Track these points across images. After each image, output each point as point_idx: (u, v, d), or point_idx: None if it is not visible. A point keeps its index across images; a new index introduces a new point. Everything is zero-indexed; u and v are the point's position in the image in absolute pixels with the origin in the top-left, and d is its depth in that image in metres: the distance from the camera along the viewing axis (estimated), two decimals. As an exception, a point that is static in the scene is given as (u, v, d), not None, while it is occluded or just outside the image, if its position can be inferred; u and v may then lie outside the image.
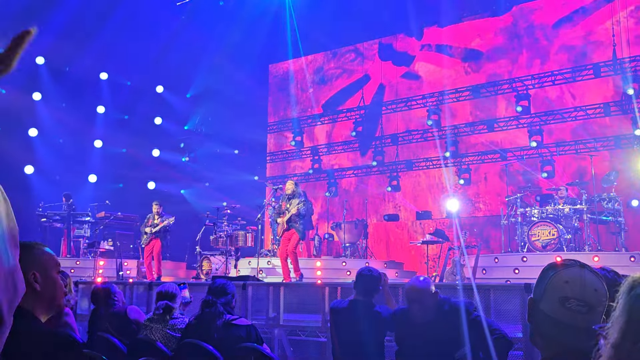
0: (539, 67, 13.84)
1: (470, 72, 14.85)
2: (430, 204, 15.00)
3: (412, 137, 15.43)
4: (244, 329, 4.41)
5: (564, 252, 10.03)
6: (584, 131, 13.14)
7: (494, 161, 14.13)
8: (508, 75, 14.23)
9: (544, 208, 10.84)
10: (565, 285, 1.69)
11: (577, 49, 13.38)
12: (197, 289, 6.53)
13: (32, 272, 2.27)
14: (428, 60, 15.54)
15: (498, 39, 14.52)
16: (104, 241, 13.51)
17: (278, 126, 18.10)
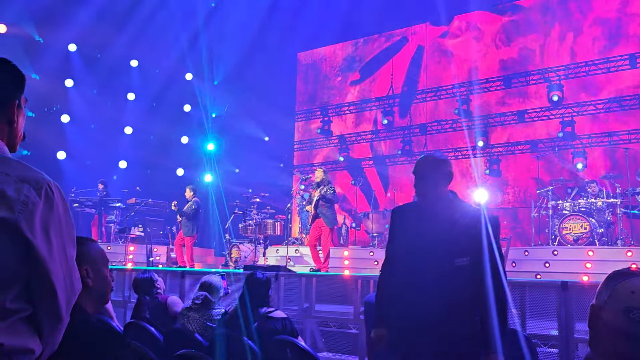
0: (572, 41, 13.59)
1: (501, 46, 14.66)
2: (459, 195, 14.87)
3: (441, 127, 15.31)
4: (280, 322, 4.44)
5: (596, 247, 9.90)
6: (618, 123, 12.90)
7: (525, 152, 13.96)
8: (539, 50, 14.01)
9: (576, 201, 10.69)
10: (632, 296, 1.66)
11: (611, 21, 13.13)
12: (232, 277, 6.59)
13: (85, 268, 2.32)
14: (459, 35, 15.33)
15: (530, 12, 14.28)
16: (135, 227, 13.70)
17: (306, 114, 18.09)
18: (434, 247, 3.03)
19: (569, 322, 4.92)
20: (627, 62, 12.74)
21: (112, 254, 12.68)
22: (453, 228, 3.05)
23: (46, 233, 1.62)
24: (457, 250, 3.00)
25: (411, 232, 3.17)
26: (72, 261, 1.75)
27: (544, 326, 5.21)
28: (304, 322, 6.56)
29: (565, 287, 4.90)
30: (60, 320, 1.71)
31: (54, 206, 1.66)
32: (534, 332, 5.15)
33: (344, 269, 11.34)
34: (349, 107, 17.04)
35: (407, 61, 16.17)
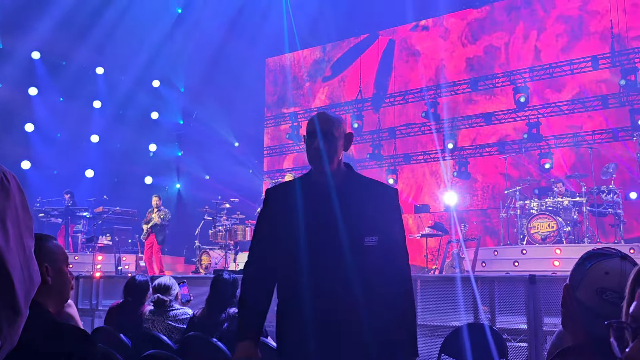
0: (536, 38, 13.83)
1: (468, 45, 14.86)
2: (428, 198, 15.01)
3: (409, 130, 15.42)
4: (249, 322, 4.39)
5: (564, 245, 10.05)
6: (582, 122, 13.15)
7: (492, 154, 14.13)
8: (505, 47, 14.24)
9: (543, 200, 10.85)
10: (605, 277, 1.67)
11: (573, 19, 13.42)
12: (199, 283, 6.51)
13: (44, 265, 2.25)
14: (426, 35, 15.48)
15: (495, 11, 14.51)
16: (102, 236, 13.48)
17: (275, 120, 18.06)
18: (338, 225, 2.53)
19: (537, 316, 4.96)
20: (590, 64, 13.00)
21: (79, 264, 12.45)
22: (358, 203, 2.59)
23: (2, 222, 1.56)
24: (367, 228, 2.55)
25: (303, 213, 2.58)
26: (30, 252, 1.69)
27: (513, 320, 5.25)
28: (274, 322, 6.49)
29: (533, 281, 4.94)
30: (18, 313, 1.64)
31: (11, 195, 1.60)
32: (504, 326, 5.18)
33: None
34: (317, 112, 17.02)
35: (375, 64, 16.27)
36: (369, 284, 2.54)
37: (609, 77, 12.80)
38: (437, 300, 5.76)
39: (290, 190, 2.70)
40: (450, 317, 5.52)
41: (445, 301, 5.70)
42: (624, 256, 1.73)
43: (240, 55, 16.48)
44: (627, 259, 1.73)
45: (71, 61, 15.87)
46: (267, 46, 17.19)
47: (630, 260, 1.73)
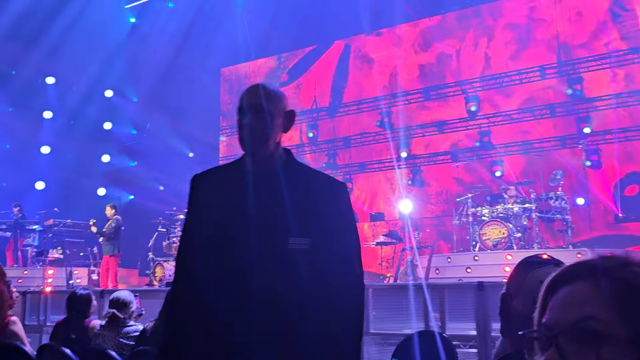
0: (486, 45, 14.20)
1: (420, 52, 15.12)
2: (384, 206, 15.15)
3: (364, 140, 15.56)
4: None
5: (514, 251, 10.28)
6: (531, 131, 13.51)
7: (446, 162, 14.38)
8: (456, 54, 14.55)
9: (494, 207, 11.07)
10: (540, 285, 1.72)
11: (521, 27, 13.82)
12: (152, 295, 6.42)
13: (-22, 283, 2.21)
14: (380, 42, 15.68)
15: (446, 18, 14.81)
16: (53, 249, 13.15)
17: (231, 129, 17.97)
18: (262, 223, 2.03)
19: (486, 322, 5.07)
20: (538, 74, 13.39)
21: (29, 279, 12.12)
22: (293, 196, 2.06)
23: None
24: (295, 226, 2.02)
25: (224, 208, 2.11)
26: None
27: (463, 327, 5.35)
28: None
29: (482, 288, 5.05)
30: None
31: None
32: (455, 333, 5.28)
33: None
34: (274, 122, 17.03)
35: (330, 72, 16.38)
36: (297, 302, 2.00)
37: (556, 84, 13.21)
38: (390, 309, 5.83)
39: (217, 178, 2.26)
40: (403, 324, 5.59)
41: (397, 309, 5.77)
42: (556, 263, 1.80)
43: (195, 65, 16.36)
44: (560, 265, 1.80)
45: (20, 71, 15.50)
46: (222, 55, 17.11)
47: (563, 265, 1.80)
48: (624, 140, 12.53)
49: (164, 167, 16.54)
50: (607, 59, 12.82)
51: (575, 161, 12.48)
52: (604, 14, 13.01)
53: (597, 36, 13.04)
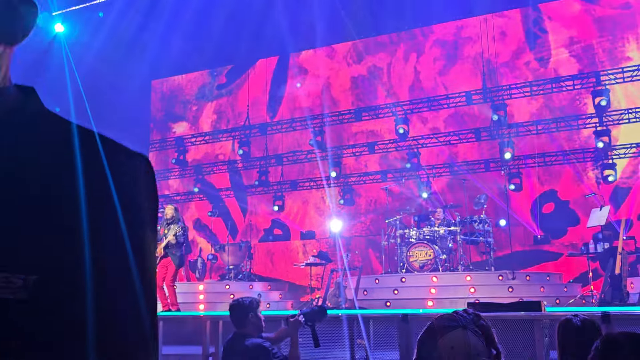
0: (415, 60, 14.60)
1: (352, 64, 15.35)
2: (314, 225, 15.19)
3: (296, 158, 15.58)
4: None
5: (440, 272, 10.50)
6: (457, 155, 13.91)
7: (375, 182, 14.57)
8: (387, 67, 14.87)
9: (421, 229, 11.30)
10: (452, 351, 1.74)
11: (449, 43, 14.33)
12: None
13: None
14: (312, 54, 15.80)
15: (378, 33, 15.12)
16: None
17: (160, 144, 17.61)
18: None
19: (409, 352, 5.13)
20: (464, 99, 13.82)
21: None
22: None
23: None
24: None
25: None
26: None
27: (387, 357, 5.40)
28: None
29: (405, 320, 5.11)
30: None
31: None
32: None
33: (199, 303, 11.07)
34: (205, 137, 16.84)
35: (262, 89, 16.34)
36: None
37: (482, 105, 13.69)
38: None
39: None
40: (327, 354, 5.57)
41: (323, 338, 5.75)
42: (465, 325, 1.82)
43: (125, 76, 15.94)
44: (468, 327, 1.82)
45: None
46: (153, 67, 16.78)
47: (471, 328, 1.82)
48: (543, 164, 13.10)
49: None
50: (528, 87, 13.41)
51: (498, 184, 12.92)
52: (523, 35, 13.65)
53: (518, 55, 13.66)
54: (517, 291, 9.69)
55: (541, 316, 5.08)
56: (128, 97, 16.24)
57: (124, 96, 16.06)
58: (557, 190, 12.97)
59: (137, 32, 15.26)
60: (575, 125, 13.03)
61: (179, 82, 17.63)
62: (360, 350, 5.44)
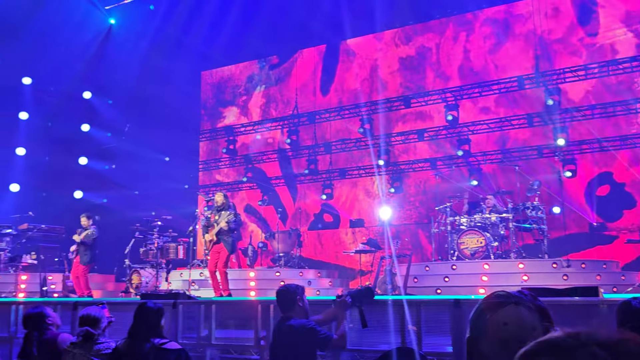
0: (465, 39, 14.32)
1: (400, 45, 15.17)
2: (364, 212, 15.16)
3: (345, 146, 15.55)
4: (174, 354, 4.29)
5: (491, 260, 10.34)
6: (509, 141, 13.62)
7: (425, 169, 14.42)
8: (436, 48, 14.62)
9: (472, 217, 11.15)
10: (505, 328, 1.70)
11: (499, 22, 13.97)
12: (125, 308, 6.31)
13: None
14: (362, 39, 15.66)
15: (427, 12, 14.86)
16: (27, 255, 12.92)
17: (210, 134, 17.87)
18: None
19: (462, 339, 5.06)
20: (516, 84, 13.49)
21: (1, 284, 11.91)
22: None
23: None
24: None
25: None
26: None
27: (439, 343, 5.35)
28: (204, 350, 6.40)
29: (458, 305, 5.05)
30: None
31: None
32: (430, 349, 5.27)
33: (250, 290, 11.23)
34: (254, 126, 16.99)
35: (311, 77, 16.34)
36: None
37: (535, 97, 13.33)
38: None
39: None
40: (378, 340, 5.57)
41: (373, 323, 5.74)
42: (517, 301, 1.78)
43: (175, 68, 16.21)
44: (520, 303, 1.77)
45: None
46: (203, 59, 17.01)
47: (524, 303, 1.78)
48: (599, 150, 12.69)
49: (139, 171, 16.34)
50: (583, 70, 12.97)
51: (552, 170, 12.61)
52: (577, 10, 13.17)
53: (572, 32, 13.21)
54: (572, 279, 9.45)
55: (598, 302, 4.94)
56: (178, 88, 16.53)
57: (174, 87, 16.36)
58: (612, 172, 12.55)
59: (186, 24, 15.48)
60: (634, 110, 12.54)
61: (228, 72, 17.81)
62: (411, 336, 5.41)
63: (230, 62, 17.44)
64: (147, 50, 15.73)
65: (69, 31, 14.92)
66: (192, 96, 17.81)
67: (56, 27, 14.47)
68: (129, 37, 16.12)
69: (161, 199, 15.20)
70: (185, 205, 15.48)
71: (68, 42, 15.09)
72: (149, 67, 15.81)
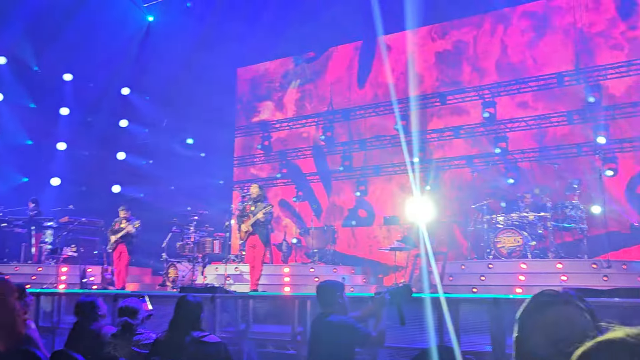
0: (502, 32, 14.10)
1: (437, 39, 15.04)
2: (398, 209, 15.07)
3: (380, 143, 15.49)
4: (214, 347, 4.35)
5: (529, 259, 10.19)
6: (547, 139, 13.38)
7: (461, 167, 14.28)
8: (473, 41, 14.43)
9: (509, 215, 10.99)
10: (555, 327, 1.68)
11: (538, 14, 13.70)
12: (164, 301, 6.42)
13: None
14: (396, 32, 15.54)
15: (463, 6, 14.67)
16: (67, 247, 13.22)
17: (245, 130, 17.99)
18: None
19: (501, 338, 5.01)
20: (555, 81, 13.24)
21: (43, 276, 12.21)
22: None
23: None
24: None
25: None
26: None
27: (477, 342, 5.30)
28: (241, 344, 6.46)
29: (497, 303, 5.00)
30: None
31: None
32: (468, 348, 5.23)
33: (284, 286, 11.28)
34: (289, 123, 17.05)
35: (346, 74, 16.31)
36: None
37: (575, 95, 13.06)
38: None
39: None
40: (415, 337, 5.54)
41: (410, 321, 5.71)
42: (566, 301, 1.74)
43: (211, 65, 16.36)
44: (570, 302, 1.74)
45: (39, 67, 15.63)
46: (238, 56, 17.12)
47: (572, 302, 1.74)
48: None
49: (175, 167, 16.57)
50: (625, 67, 12.65)
51: (592, 169, 12.34)
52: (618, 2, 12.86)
53: (613, 24, 12.89)
54: (613, 280, 9.25)
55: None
56: (214, 85, 16.68)
57: (210, 83, 16.52)
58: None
59: (222, 21, 15.59)
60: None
61: (263, 68, 17.88)
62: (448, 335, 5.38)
63: (266, 58, 17.51)
64: (184, 47, 15.92)
65: (109, 28, 15.19)
66: (228, 93, 17.94)
67: (96, 24, 14.75)
68: (166, 34, 16.33)
69: (196, 194, 15.37)
70: (220, 200, 15.65)
71: (107, 39, 15.37)
72: (186, 64, 16.01)
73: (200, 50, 15.81)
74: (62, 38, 14.71)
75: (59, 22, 14.48)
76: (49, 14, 14.28)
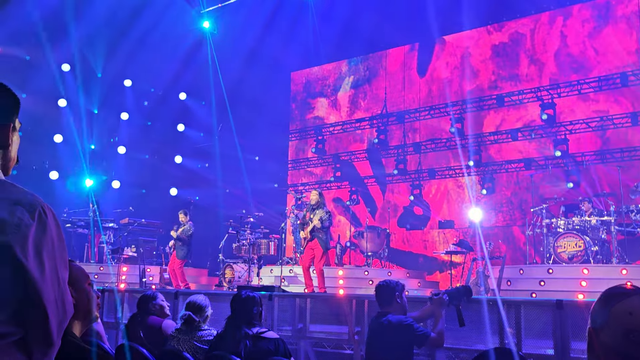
0: (562, 24, 13.72)
1: (493, 32, 14.77)
2: (453, 213, 14.87)
3: (435, 146, 15.32)
4: (273, 343, 4.38)
5: (591, 265, 9.87)
6: (611, 141, 12.95)
7: (518, 170, 13.97)
8: (530, 34, 14.09)
9: (570, 219, 10.68)
10: (630, 317, 1.65)
11: (599, 4, 13.27)
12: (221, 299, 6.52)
13: (68, 288, 2.28)
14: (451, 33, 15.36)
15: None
16: (128, 247, 13.61)
17: (300, 133, 18.11)
18: None
19: (564, 341, 4.87)
20: (619, 81, 12.80)
21: (104, 275, 12.58)
22: None
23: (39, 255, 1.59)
24: None
25: None
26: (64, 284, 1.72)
27: (539, 345, 5.17)
28: (298, 342, 6.49)
29: (560, 306, 4.86)
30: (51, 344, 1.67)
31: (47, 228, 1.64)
32: (530, 351, 5.11)
33: (338, 288, 11.28)
34: (343, 126, 17.07)
35: (400, 77, 16.21)
36: None
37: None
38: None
39: None
40: (474, 340, 5.45)
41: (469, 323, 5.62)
42: None
43: (266, 69, 16.58)
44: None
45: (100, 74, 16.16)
46: (292, 60, 17.27)
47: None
48: None
49: (230, 170, 16.83)
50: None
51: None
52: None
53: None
54: (682, 287, 8.85)
55: None
56: (269, 89, 16.89)
57: (265, 88, 16.73)
58: None
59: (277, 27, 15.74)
60: None
61: (317, 73, 17.97)
62: (509, 338, 5.26)
63: (320, 62, 17.59)
64: (239, 52, 16.17)
65: (167, 35, 15.56)
66: (282, 97, 18.14)
67: (155, 31, 15.13)
68: (222, 40, 16.62)
69: (251, 197, 15.57)
70: (275, 203, 15.80)
71: (166, 45, 15.76)
72: (241, 69, 16.25)
73: (255, 55, 16.03)
74: (122, 46, 15.16)
75: (120, 30, 14.93)
76: (109, 22, 14.76)
